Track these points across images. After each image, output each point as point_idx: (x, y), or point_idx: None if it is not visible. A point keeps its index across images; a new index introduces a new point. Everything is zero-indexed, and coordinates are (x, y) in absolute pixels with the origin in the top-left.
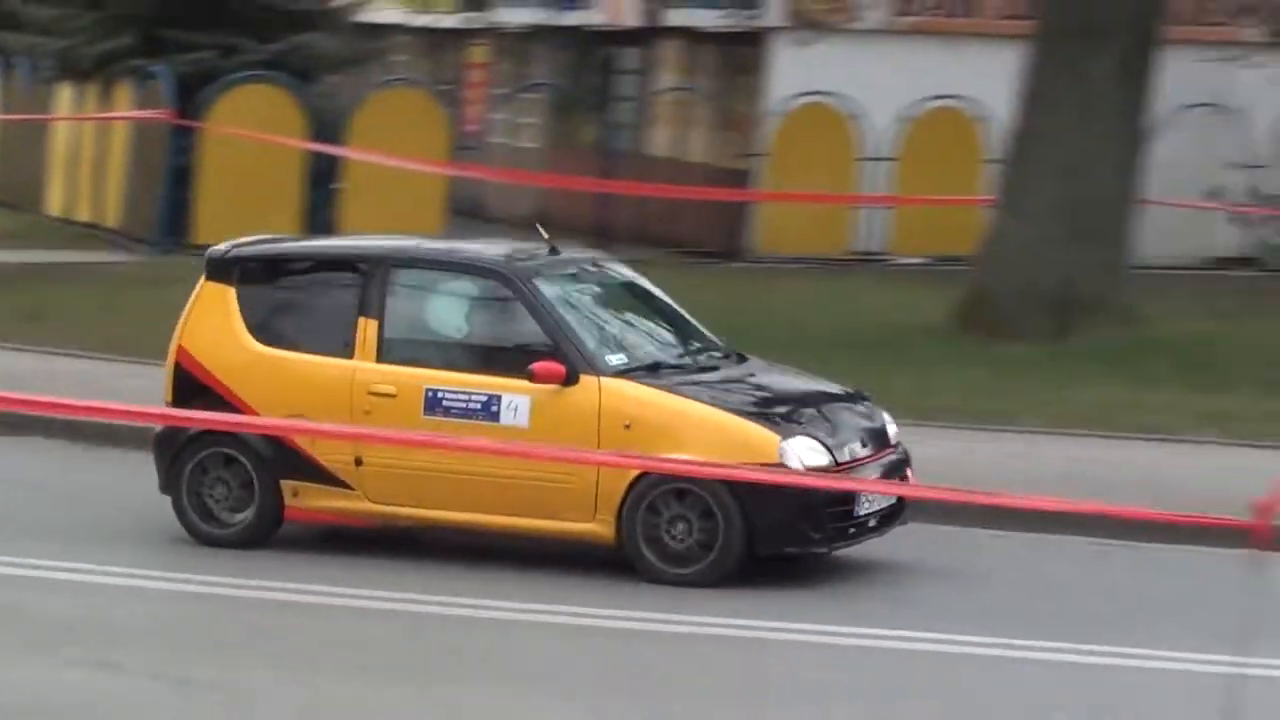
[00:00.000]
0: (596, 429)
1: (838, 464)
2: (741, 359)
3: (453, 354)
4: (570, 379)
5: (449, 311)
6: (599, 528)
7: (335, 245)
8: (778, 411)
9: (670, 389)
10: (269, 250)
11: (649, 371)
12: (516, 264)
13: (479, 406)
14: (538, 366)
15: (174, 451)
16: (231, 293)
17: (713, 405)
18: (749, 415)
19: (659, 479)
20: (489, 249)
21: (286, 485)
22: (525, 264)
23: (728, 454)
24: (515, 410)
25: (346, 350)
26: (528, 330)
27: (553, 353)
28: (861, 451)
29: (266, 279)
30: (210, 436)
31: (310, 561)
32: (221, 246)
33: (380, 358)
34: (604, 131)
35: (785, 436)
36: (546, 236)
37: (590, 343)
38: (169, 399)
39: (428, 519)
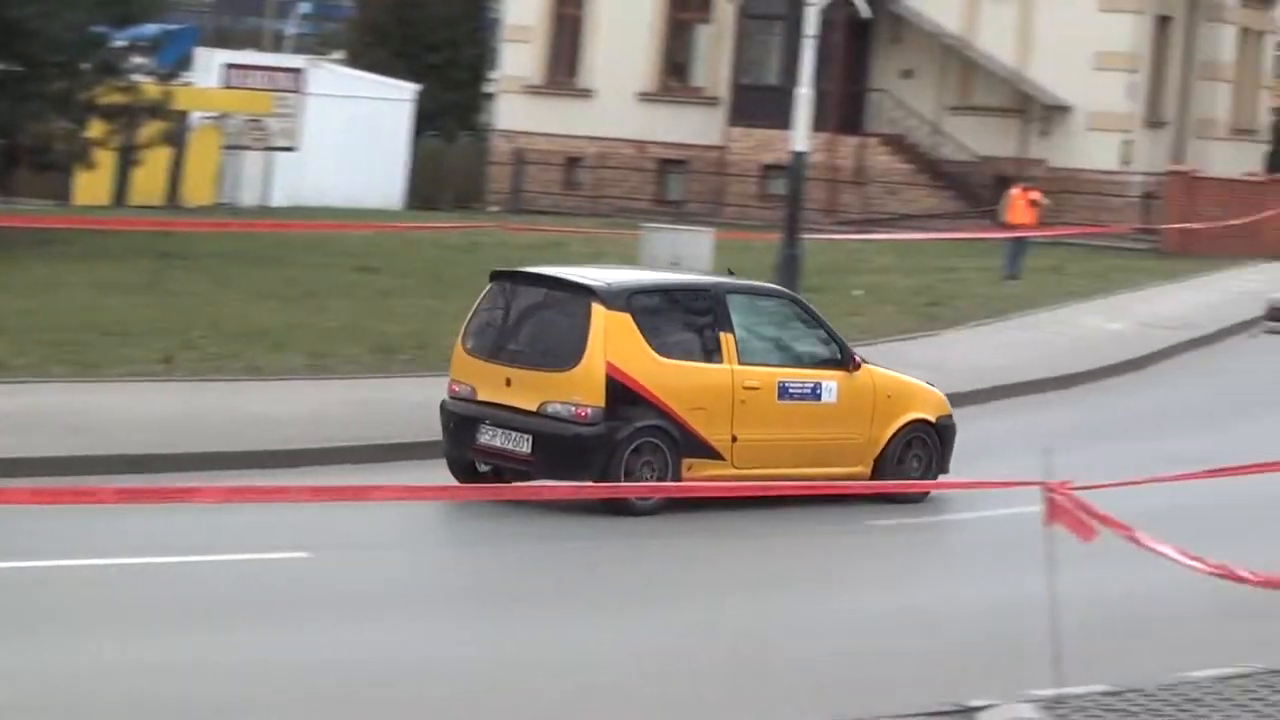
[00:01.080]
0: (873, 401)
1: None
2: None
3: (780, 354)
4: (858, 367)
5: (767, 324)
6: (863, 469)
7: (686, 279)
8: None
9: (893, 372)
10: (649, 284)
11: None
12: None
13: (809, 391)
14: (858, 359)
15: (611, 446)
16: (629, 318)
17: (912, 379)
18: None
19: (905, 433)
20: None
21: (685, 462)
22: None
23: (934, 410)
24: (830, 392)
25: (718, 357)
26: (809, 334)
27: (840, 350)
28: None
29: (649, 307)
30: (644, 430)
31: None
32: (611, 282)
33: (740, 361)
34: None
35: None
36: (730, 270)
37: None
38: (602, 403)
39: (770, 475)
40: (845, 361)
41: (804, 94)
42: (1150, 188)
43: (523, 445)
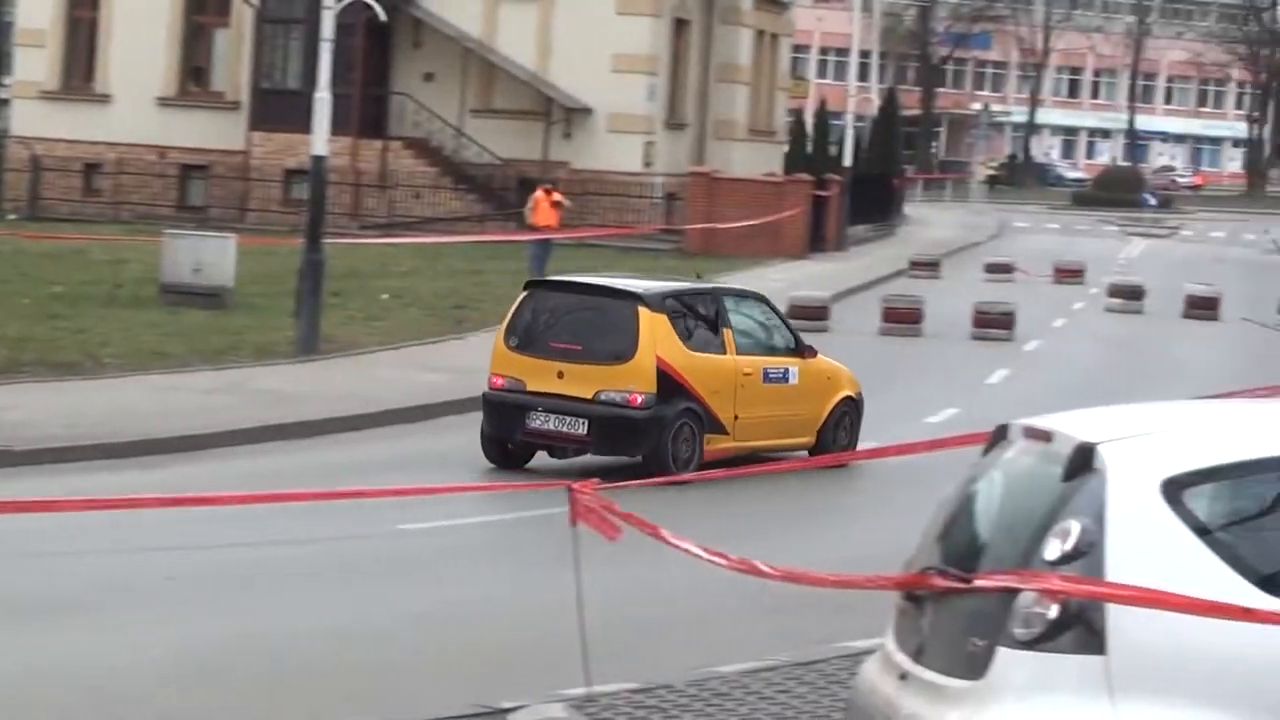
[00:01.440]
0: (819, 382)
1: None
2: None
3: (761, 344)
4: (814, 355)
5: (750, 320)
6: (810, 439)
7: (694, 285)
8: None
9: (828, 359)
10: (674, 290)
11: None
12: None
13: (782, 375)
14: (813, 349)
15: (661, 427)
16: (665, 319)
17: (837, 363)
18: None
19: (839, 411)
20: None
21: (705, 437)
22: None
23: (853, 388)
24: (794, 375)
25: (723, 349)
26: (776, 328)
27: (796, 340)
28: None
29: (677, 308)
30: (683, 412)
31: None
32: (649, 289)
33: (738, 353)
34: None
35: None
36: (698, 275)
37: None
38: (654, 391)
39: (755, 446)
40: (801, 350)
41: (323, 98)
42: (672, 188)
43: (579, 428)
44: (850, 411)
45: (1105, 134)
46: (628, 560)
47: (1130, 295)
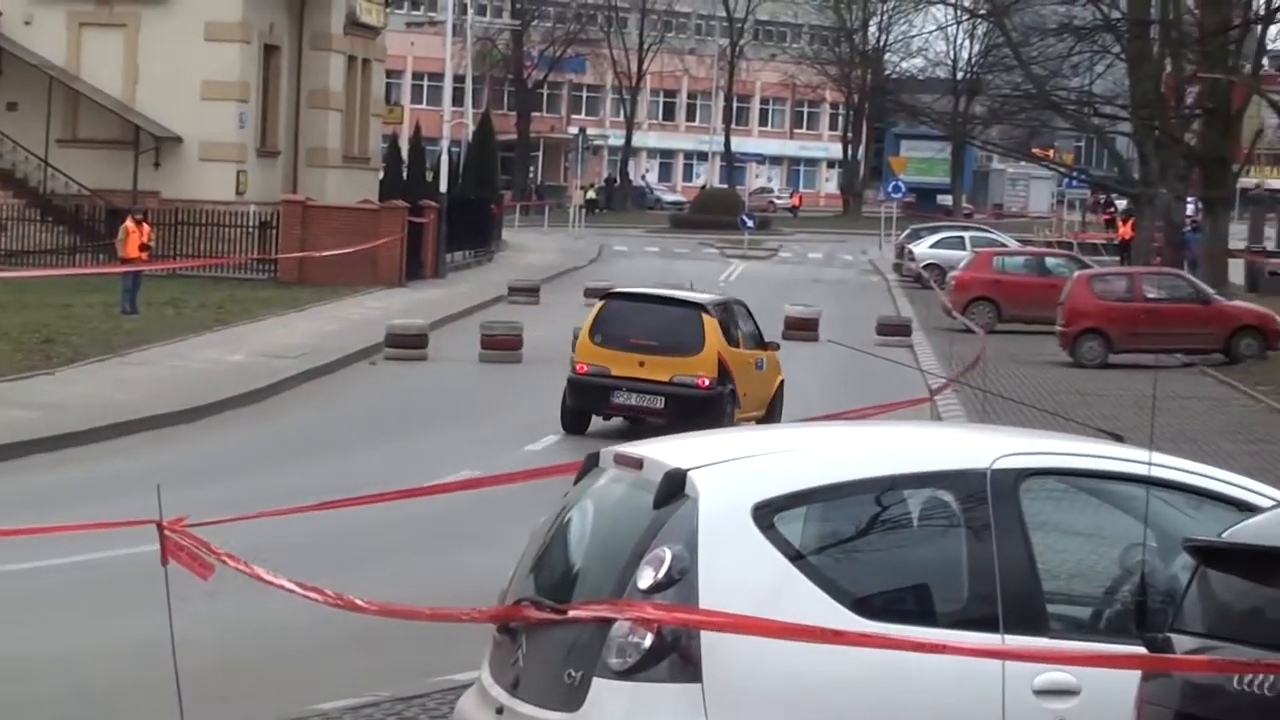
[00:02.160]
0: (773, 368)
1: None
2: None
3: (750, 340)
4: (778, 349)
5: (745, 322)
6: (763, 412)
7: (724, 297)
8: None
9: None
10: (718, 300)
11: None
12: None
13: (760, 363)
14: (776, 344)
15: (721, 403)
16: (717, 322)
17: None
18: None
19: (779, 390)
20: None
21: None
22: None
23: (782, 373)
24: (764, 364)
25: (738, 344)
26: (753, 327)
27: (763, 337)
28: None
29: (721, 314)
30: (732, 393)
31: None
32: (706, 299)
33: (744, 347)
34: None
35: None
36: (691, 285)
37: None
38: (716, 376)
39: (746, 417)
40: (766, 344)
41: None
42: (266, 217)
43: (657, 403)
44: (780, 391)
45: (702, 156)
46: (229, 598)
47: None
